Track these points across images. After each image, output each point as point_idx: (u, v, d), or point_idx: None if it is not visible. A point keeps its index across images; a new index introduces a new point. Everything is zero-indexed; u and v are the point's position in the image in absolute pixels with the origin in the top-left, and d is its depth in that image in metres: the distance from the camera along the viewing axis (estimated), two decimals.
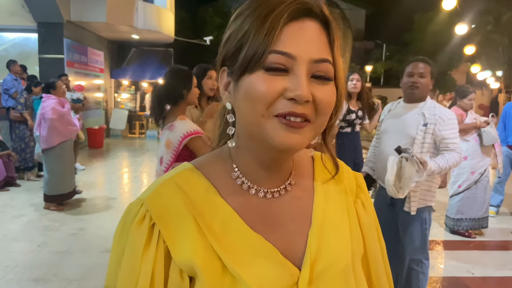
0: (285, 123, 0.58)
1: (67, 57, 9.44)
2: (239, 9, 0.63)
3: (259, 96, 0.57)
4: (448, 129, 2.53)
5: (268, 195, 0.67)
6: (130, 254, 0.63)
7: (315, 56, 0.58)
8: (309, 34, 0.59)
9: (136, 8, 10.72)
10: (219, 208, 0.64)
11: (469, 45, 12.59)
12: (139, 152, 10.21)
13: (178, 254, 0.62)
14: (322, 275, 0.64)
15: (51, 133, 5.00)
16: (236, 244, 0.62)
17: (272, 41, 0.56)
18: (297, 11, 0.58)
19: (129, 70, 13.07)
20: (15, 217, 4.91)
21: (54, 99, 5.13)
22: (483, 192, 4.50)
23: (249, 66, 0.58)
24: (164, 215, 0.63)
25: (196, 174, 0.68)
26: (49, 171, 5.14)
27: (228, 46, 0.62)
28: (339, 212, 0.71)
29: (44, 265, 3.63)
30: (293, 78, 0.57)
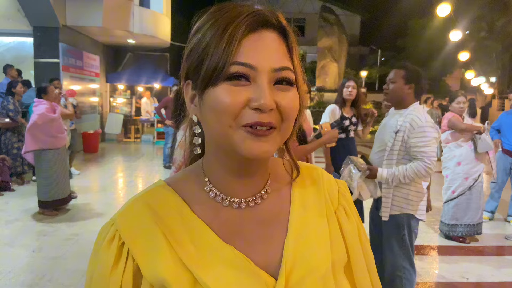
0: (251, 132, 0.59)
1: (62, 62, 9.42)
2: (198, 23, 0.64)
3: (224, 108, 0.58)
4: (416, 137, 2.53)
5: (243, 205, 0.67)
6: (99, 275, 0.65)
7: (275, 65, 0.59)
8: (267, 44, 0.60)
9: (132, 13, 10.74)
10: (189, 223, 0.65)
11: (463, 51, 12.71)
12: (135, 157, 10.18)
13: (148, 271, 0.62)
14: (299, 283, 0.64)
15: (27, 137, 4.95)
16: (207, 257, 0.63)
17: (232, 53, 0.58)
18: (255, 23, 0.60)
19: (124, 75, 13.05)
20: (9, 222, 4.88)
21: (46, 104, 5.04)
22: (478, 198, 4.52)
23: (212, 79, 0.59)
24: (133, 234, 0.64)
25: (166, 191, 0.69)
26: (40, 177, 5.12)
27: (191, 60, 0.63)
28: (317, 220, 0.71)
29: (38, 271, 3.61)
30: (255, 88, 0.58)
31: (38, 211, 5.18)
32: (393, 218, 2.67)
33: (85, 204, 5.67)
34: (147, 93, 13.39)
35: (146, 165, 9.17)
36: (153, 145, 12.23)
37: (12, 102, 6.49)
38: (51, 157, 5.06)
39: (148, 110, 12.93)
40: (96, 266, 0.66)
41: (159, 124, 12.12)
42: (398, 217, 2.67)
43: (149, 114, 12.80)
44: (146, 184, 7.40)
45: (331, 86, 18.97)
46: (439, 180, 6.25)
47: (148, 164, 9.28)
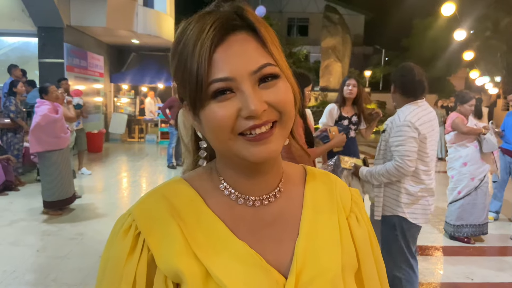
0: (251, 139, 0.59)
1: (67, 62, 9.46)
2: (173, 44, 0.64)
3: (217, 125, 0.59)
4: (394, 136, 2.56)
5: (257, 203, 0.68)
6: (113, 263, 0.65)
7: (252, 67, 0.59)
8: (237, 50, 0.59)
9: (136, 13, 10.76)
10: (204, 217, 0.66)
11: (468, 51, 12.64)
12: (138, 157, 10.20)
13: (163, 261, 0.63)
14: (309, 284, 0.64)
15: (31, 139, 4.96)
16: (219, 251, 0.63)
17: (206, 72, 0.58)
18: (219, 34, 0.59)
19: (128, 75, 13.09)
20: (14, 222, 4.90)
21: (48, 105, 5.03)
22: (483, 198, 4.50)
23: (197, 101, 0.60)
24: (149, 224, 0.65)
25: (183, 185, 0.70)
26: (44, 177, 5.14)
27: (177, 84, 0.64)
28: (329, 224, 0.71)
29: (42, 270, 3.62)
30: (241, 96, 0.58)
31: (43, 211, 5.20)
32: (386, 219, 2.70)
33: (89, 204, 5.69)
34: (151, 93, 13.42)
35: (150, 165, 9.18)
36: (157, 145, 12.25)
37: (14, 103, 6.50)
38: (55, 158, 5.08)
39: (152, 110, 12.96)
40: (111, 255, 0.66)
41: (163, 124, 12.14)
42: (390, 218, 2.68)
43: (153, 114, 12.83)
44: (150, 184, 7.41)
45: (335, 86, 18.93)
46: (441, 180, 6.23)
47: (152, 164, 9.30)
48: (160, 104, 12.49)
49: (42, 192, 5.18)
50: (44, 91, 5.15)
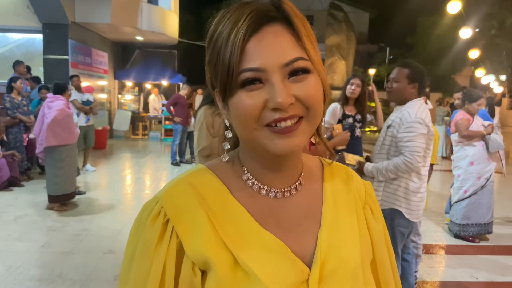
0: (276, 131, 0.60)
1: (71, 58, 9.47)
2: (209, 32, 0.65)
3: (244, 114, 0.60)
4: (404, 132, 2.54)
5: (279, 195, 0.69)
6: (143, 250, 0.65)
7: (284, 60, 0.59)
8: (271, 41, 0.60)
9: (140, 10, 10.75)
10: (230, 207, 0.67)
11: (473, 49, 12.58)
12: (142, 154, 10.22)
13: (192, 247, 0.63)
14: (332, 274, 0.66)
15: (47, 133, 4.98)
16: (247, 241, 0.64)
17: (238, 61, 0.58)
18: (255, 24, 0.59)
19: (132, 72, 13.10)
20: (19, 217, 4.92)
21: (63, 100, 5.17)
22: (489, 197, 4.48)
23: (227, 89, 0.61)
24: (178, 211, 0.65)
25: (209, 174, 0.70)
26: (52, 172, 5.16)
27: (210, 71, 0.65)
28: (348, 216, 0.73)
29: (47, 266, 3.63)
30: (270, 88, 0.59)
31: (48, 206, 5.22)
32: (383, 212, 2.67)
33: (93, 200, 5.70)
34: (155, 90, 13.43)
35: (154, 162, 9.20)
36: (161, 142, 12.27)
37: (9, 100, 6.52)
38: (66, 152, 5.17)
39: (156, 107, 12.97)
40: (139, 242, 0.66)
41: (166, 121, 12.15)
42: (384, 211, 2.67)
43: (157, 111, 12.84)
44: (154, 180, 7.43)
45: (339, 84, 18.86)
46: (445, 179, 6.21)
47: (155, 161, 9.31)
48: (164, 101, 12.50)
49: (48, 186, 5.21)
50: (62, 90, 5.22)
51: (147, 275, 0.63)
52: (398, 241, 2.74)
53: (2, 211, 5.12)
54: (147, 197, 6.16)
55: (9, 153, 6.23)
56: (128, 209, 5.42)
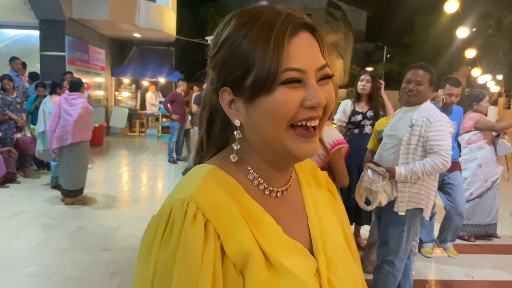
0: (301, 135, 0.64)
1: (68, 55, 9.44)
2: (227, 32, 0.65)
3: (284, 110, 0.62)
4: (434, 131, 2.54)
5: (279, 194, 0.73)
6: (188, 255, 0.59)
7: (317, 64, 0.64)
8: (308, 46, 0.64)
9: (138, 7, 10.72)
10: (250, 204, 0.68)
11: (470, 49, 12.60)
12: (139, 151, 10.20)
13: (231, 246, 0.61)
14: (332, 259, 0.71)
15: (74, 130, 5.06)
16: (271, 237, 0.66)
17: (282, 60, 0.61)
18: (294, 27, 0.63)
19: (130, 69, 13.07)
20: (15, 214, 4.90)
21: (84, 98, 5.30)
22: (492, 200, 4.51)
23: (265, 87, 0.61)
24: (215, 211, 0.63)
25: (224, 173, 0.69)
26: (70, 167, 5.25)
27: (229, 69, 0.64)
28: (324, 205, 0.79)
29: (43, 263, 3.63)
30: (308, 88, 0.63)
31: (66, 201, 5.31)
32: (397, 214, 2.66)
33: (90, 197, 5.69)
34: (152, 87, 13.40)
35: (151, 159, 9.18)
36: (158, 139, 12.25)
37: (1, 97, 6.48)
38: (85, 148, 5.36)
39: (153, 103, 12.96)
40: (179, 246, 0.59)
41: (163, 118, 12.14)
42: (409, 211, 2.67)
43: (154, 107, 12.82)
44: (151, 178, 7.42)
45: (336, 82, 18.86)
46: None
47: (152, 158, 9.30)
48: (162, 98, 12.48)
49: (67, 181, 5.27)
50: (79, 86, 5.30)
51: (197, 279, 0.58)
52: (411, 238, 2.76)
53: None
54: (143, 195, 6.15)
55: (5, 149, 6.21)
56: (124, 207, 5.41)
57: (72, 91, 5.24)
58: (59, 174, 5.43)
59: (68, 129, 5.04)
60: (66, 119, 5.05)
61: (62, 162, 5.26)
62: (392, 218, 2.70)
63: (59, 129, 5.06)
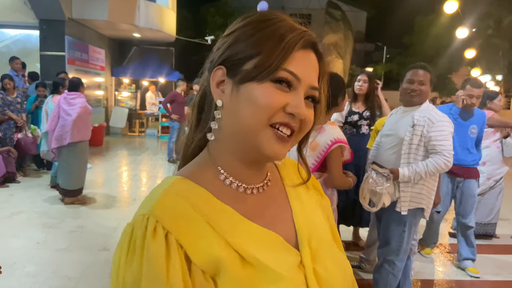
0: (277, 135, 0.66)
1: (68, 55, 9.44)
2: (249, 18, 0.69)
3: (264, 105, 0.64)
4: (436, 131, 2.55)
5: (255, 191, 0.74)
6: (153, 269, 0.59)
7: (313, 83, 0.68)
8: (312, 63, 0.69)
9: (138, 7, 10.72)
10: (219, 209, 0.68)
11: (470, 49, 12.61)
12: (139, 151, 10.20)
13: (198, 254, 0.61)
14: (317, 252, 0.73)
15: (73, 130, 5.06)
16: (245, 237, 0.66)
17: (286, 60, 0.64)
18: (307, 42, 0.67)
19: (129, 69, 13.07)
20: (15, 214, 4.90)
21: (83, 97, 5.29)
22: (494, 199, 4.51)
23: (259, 76, 0.64)
24: (176, 222, 0.63)
25: (187, 183, 0.70)
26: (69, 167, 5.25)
27: (235, 50, 0.67)
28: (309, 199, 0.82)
29: (43, 262, 3.63)
30: (295, 96, 0.65)
31: (65, 201, 5.31)
32: (398, 214, 2.67)
33: (89, 197, 5.69)
34: (152, 87, 13.40)
35: (150, 159, 9.19)
36: (158, 139, 12.25)
37: (1, 96, 6.49)
38: (84, 147, 5.36)
39: (153, 103, 12.96)
40: (143, 265, 0.59)
41: (163, 118, 12.14)
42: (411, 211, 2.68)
43: (154, 107, 12.83)
44: (150, 178, 7.42)
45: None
46: None
47: (152, 158, 9.30)
48: (161, 98, 12.48)
49: (66, 181, 5.27)
50: (78, 86, 5.29)
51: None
52: (411, 238, 2.77)
53: None
54: (143, 195, 6.15)
55: (5, 149, 6.21)
56: (124, 206, 5.42)
57: (71, 90, 5.25)
58: (58, 174, 5.43)
59: (67, 129, 5.04)
60: (65, 119, 5.06)
61: (61, 161, 5.26)
62: (394, 218, 2.71)
63: (58, 129, 5.07)
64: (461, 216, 3.86)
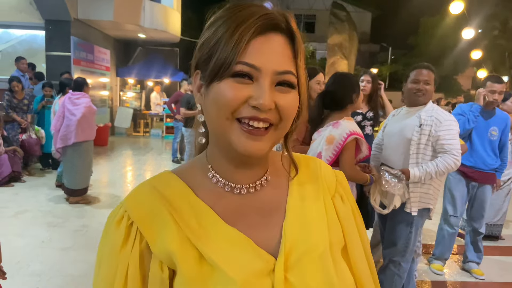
0: (246, 131, 0.63)
1: (73, 55, 9.48)
2: (214, 16, 0.67)
3: (225, 101, 0.62)
4: (444, 130, 2.55)
5: (243, 191, 0.72)
6: (109, 253, 0.69)
7: (278, 68, 0.63)
8: (273, 47, 0.63)
9: (143, 7, 10.75)
10: (194, 206, 0.69)
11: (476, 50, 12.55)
12: (144, 151, 10.23)
13: (157, 246, 0.66)
14: (298, 261, 0.68)
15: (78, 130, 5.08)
16: (211, 236, 0.67)
17: (239, 53, 0.61)
18: (264, 26, 0.63)
19: (134, 69, 13.10)
20: (19, 213, 4.93)
21: (88, 97, 5.32)
22: (501, 200, 4.47)
23: (218, 74, 0.63)
24: (141, 213, 0.68)
25: (171, 177, 0.73)
26: (74, 166, 5.29)
27: (202, 51, 0.67)
28: (315, 206, 0.75)
29: (47, 261, 3.65)
30: (257, 87, 0.62)
31: (70, 200, 5.33)
32: (406, 214, 2.66)
33: (94, 196, 5.72)
34: (157, 87, 13.43)
35: (155, 159, 9.21)
36: (162, 140, 12.28)
37: (7, 98, 6.55)
38: (88, 147, 5.39)
39: (158, 103, 12.99)
40: (106, 247, 0.69)
41: (168, 118, 12.16)
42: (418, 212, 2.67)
43: (159, 108, 12.85)
44: None
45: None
46: None
47: (156, 158, 9.33)
48: (166, 98, 12.51)
49: (71, 180, 5.30)
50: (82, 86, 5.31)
51: (114, 277, 0.67)
52: (417, 239, 2.77)
53: (3, 206, 5.14)
54: None
55: (11, 148, 6.25)
56: None
57: (75, 90, 5.27)
58: (63, 174, 5.46)
59: (71, 128, 5.07)
60: (69, 119, 5.08)
61: (66, 161, 5.29)
62: (401, 219, 2.70)
63: (63, 128, 5.09)
64: (472, 220, 3.80)
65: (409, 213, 2.65)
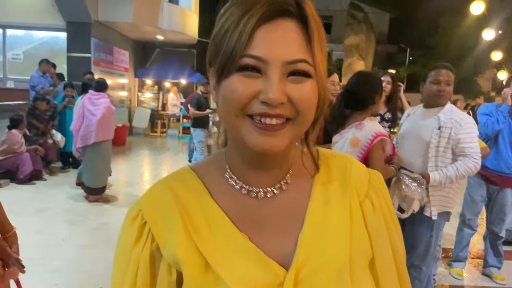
0: (259, 126, 0.57)
1: (94, 56, 9.64)
2: (223, 8, 0.62)
3: (233, 98, 0.57)
4: (464, 133, 2.51)
5: (260, 195, 0.67)
6: (121, 252, 0.69)
7: (288, 57, 0.56)
8: (282, 35, 0.57)
9: (161, 9, 10.87)
10: (207, 208, 0.66)
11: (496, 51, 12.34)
12: (160, 151, 10.33)
13: (167, 249, 0.65)
14: (311, 276, 0.62)
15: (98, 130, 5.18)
16: (219, 243, 0.63)
17: (243, 45, 0.56)
18: (270, 13, 0.56)
19: (152, 70, 13.25)
20: (40, 211, 5.03)
21: (107, 98, 5.42)
22: None
23: (225, 69, 0.58)
24: (154, 214, 0.67)
25: (189, 175, 0.71)
26: (94, 165, 5.39)
27: (212, 48, 0.62)
28: (338, 214, 0.67)
29: (67, 258, 3.71)
30: (266, 80, 0.56)
31: (89, 198, 5.43)
32: (426, 218, 2.62)
33: (113, 195, 5.79)
34: (174, 88, 13.55)
35: (172, 159, 9.29)
36: (179, 140, 12.37)
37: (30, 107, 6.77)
38: (107, 147, 5.50)
39: (175, 104, 13.10)
40: (120, 243, 0.70)
41: (184, 119, 12.25)
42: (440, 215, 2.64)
43: (176, 108, 12.96)
44: None
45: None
46: None
47: (173, 158, 9.40)
48: (183, 99, 12.60)
49: (90, 179, 5.42)
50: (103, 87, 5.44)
51: (124, 276, 0.67)
52: (437, 243, 2.75)
53: (24, 204, 5.25)
54: None
55: (32, 147, 6.38)
56: None
57: (97, 91, 5.36)
58: (83, 172, 5.55)
59: (91, 128, 5.16)
60: (89, 119, 5.16)
61: (86, 160, 5.38)
62: (421, 222, 2.65)
63: (83, 128, 5.18)
64: (492, 224, 3.71)
65: (429, 217, 2.61)
